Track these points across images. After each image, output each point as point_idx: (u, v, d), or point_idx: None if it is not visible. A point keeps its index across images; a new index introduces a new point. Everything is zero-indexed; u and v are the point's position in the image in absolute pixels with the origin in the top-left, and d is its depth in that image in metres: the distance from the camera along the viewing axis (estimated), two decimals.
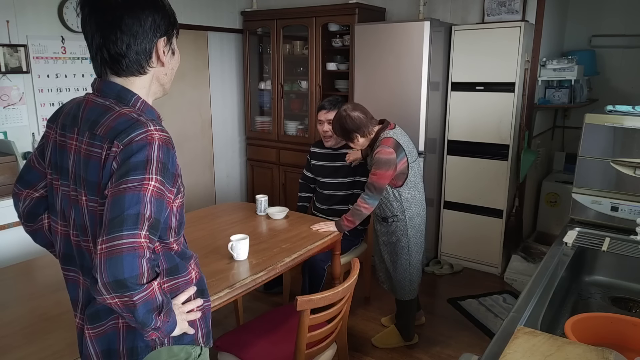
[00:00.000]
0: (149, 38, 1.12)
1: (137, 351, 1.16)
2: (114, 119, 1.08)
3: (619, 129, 1.96)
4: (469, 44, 3.49)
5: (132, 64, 1.12)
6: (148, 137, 1.04)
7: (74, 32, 3.42)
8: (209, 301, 1.34)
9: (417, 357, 2.69)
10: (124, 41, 1.09)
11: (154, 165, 1.03)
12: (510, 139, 3.48)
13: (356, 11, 3.82)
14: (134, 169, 1.01)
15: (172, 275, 1.20)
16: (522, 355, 1.06)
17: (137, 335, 1.16)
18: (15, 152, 2.88)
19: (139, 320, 1.03)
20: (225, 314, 3.00)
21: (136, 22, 1.08)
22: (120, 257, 0.96)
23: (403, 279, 2.61)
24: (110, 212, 1.00)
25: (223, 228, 2.53)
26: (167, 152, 1.07)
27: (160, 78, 1.20)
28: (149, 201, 1.01)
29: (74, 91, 3.47)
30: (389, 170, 2.39)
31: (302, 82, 4.38)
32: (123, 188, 1.00)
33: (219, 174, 4.75)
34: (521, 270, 3.52)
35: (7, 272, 2.06)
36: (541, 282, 1.55)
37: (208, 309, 1.32)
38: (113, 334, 1.17)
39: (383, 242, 2.63)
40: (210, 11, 4.37)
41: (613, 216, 2.01)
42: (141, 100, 1.15)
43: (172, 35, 1.18)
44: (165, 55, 1.16)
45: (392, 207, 2.52)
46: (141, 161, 1.02)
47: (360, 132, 2.47)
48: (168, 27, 1.15)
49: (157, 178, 1.03)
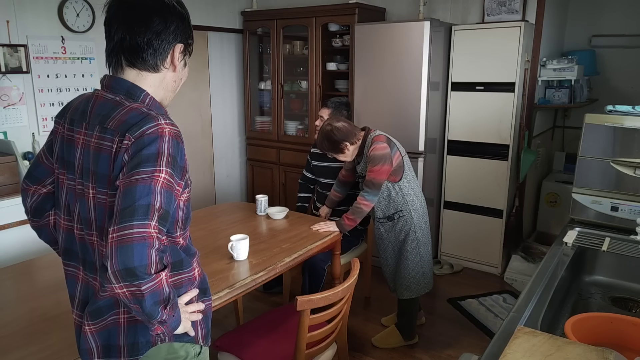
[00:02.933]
0: (169, 40, 1.17)
1: (138, 347, 1.17)
2: (125, 113, 1.11)
3: (619, 129, 1.96)
4: (469, 44, 3.49)
5: (148, 57, 1.16)
6: (159, 130, 1.08)
7: (74, 32, 3.42)
8: (210, 300, 1.34)
9: (417, 357, 2.69)
10: (147, 36, 1.14)
11: (164, 158, 1.06)
12: (510, 139, 3.48)
13: (356, 11, 3.82)
14: (145, 160, 1.04)
15: (176, 270, 1.21)
16: (522, 355, 1.06)
17: (139, 331, 1.17)
18: (15, 152, 2.89)
19: (145, 312, 1.05)
20: (225, 314, 3.00)
21: (162, 23, 1.15)
22: (130, 245, 0.99)
23: (415, 274, 2.61)
24: (121, 202, 1.02)
25: (223, 228, 2.53)
26: (177, 146, 1.11)
27: (169, 84, 1.23)
28: (159, 192, 1.04)
29: (74, 91, 3.47)
30: (385, 165, 2.43)
31: (302, 82, 4.38)
32: (135, 179, 1.03)
33: (219, 174, 4.75)
34: (521, 270, 3.52)
35: (7, 272, 2.06)
36: (541, 282, 1.55)
37: (209, 308, 1.33)
38: (114, 329, 1.17)
39: (390, 242, 2.63)
40: (210, 11, 4.37)
41: (613, 216, 2.01)
42: (150, 97, 1.18)
43: (188, 46, 1.23)
44: (179, 62, 1.21)
45: (396, 203, 2.54)
46: (152, 153, 1.05)
47: (349, 140, 2.51)
48: (188, 38, 1.22)
49: (167, 170, 1.06)
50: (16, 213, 2.78)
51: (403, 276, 2.62)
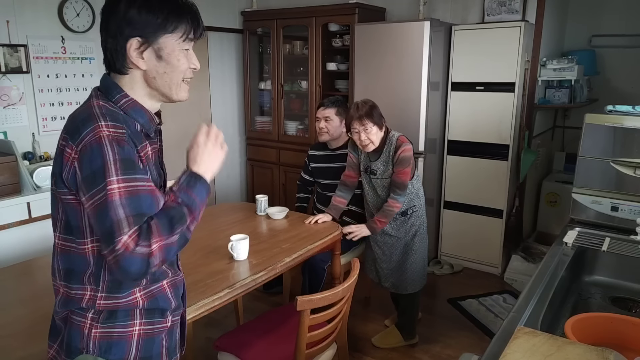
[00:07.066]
0: (118, 38, 1.08)
1: (71, 349, 1.15)
2: (80, 111, 1.09)
3: (619, 129, 1.96)
4: (469, 44, 3.49)
5: (111, 62, 1.12)
6: (97, 135, 1.02)
7: (74, 32, 3.42)
8: (164, 324, 1.21)
9: (417, 357, 2.69)
10: (104, 38, 1.11)
11: (111, 166, 1.01)
12: (510, 139, 3.48)
13: (356, 11, 3.81)
14: (93, 179, 1.02)
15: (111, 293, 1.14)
16: (522, 355, 1.06)
17: (76, 336, 1.14)
18: (15, 152, 2.88)
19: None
20: (225, 314, 3.00)
21: (111, 20, 1.08)
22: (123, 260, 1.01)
23: (420, 268, 2.64)
24: (96, 227, 1.05)
25: (223, 228, 2.53)
26: (120, 148, 1.03)
27: (150, 82, 1.14)
28: (119, 205, 1.01)
29: (74, 91, 3.47)
30: (410, 166, 2.49)
31: (302, 82, 4.38)
32: (92, 204, 1.03)
33: (219, 174, 4.71)
34: (521, 270, 3.52)
35: (7, 272, 2.06)
36: (541, 282, 1.55)
37: (161, 331, 1.21)
38: (64, 325, 1.19)
39: (399, 239, 2.62)
40: (210, 11, 4.37)
41: (613, 216, 2.01)
42: (127, 99, 1.12)
43: (152, 38, 1.09)
44: (140, 58, 1.10)
45: (410, 199, 2.58)
46: (99, 168, 1.01)
47: (384, 121, 2.53)
48: (145, 28, 1.08)
49: (119, 178, 1.01)
50: (16, 213, 2.79)
51: (409, 271, 2.62)
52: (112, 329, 1.13)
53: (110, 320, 1.13)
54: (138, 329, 1.16)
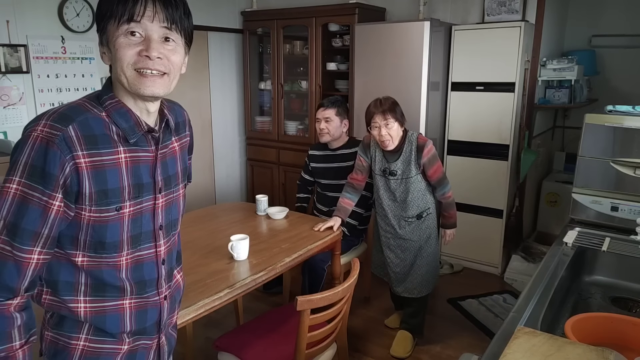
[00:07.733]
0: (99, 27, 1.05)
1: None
2: None
3: (619, 129, 1.96)
4: (469, 44, 3.49)
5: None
6: (30, 132, 0.97)
7: (74, 32, 3.42)
8: (119, 345, 1.13)
9: (417, 357, 2.68)
10: None
11: (20, 167, 0.96)
12: (510, 139, 3.48)
13: (356, 11, 3.81)
14: (7, 170, 0.98)
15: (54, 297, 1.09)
16: (522, 355, 1.06)
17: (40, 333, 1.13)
18: None
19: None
20: (225, 314, 3.00)
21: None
22: None
23: (433, 269, 2.64)
24: None
25: (223, 228, 2.53)
26: (44, 153, 0.95)
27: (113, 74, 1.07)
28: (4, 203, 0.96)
29: (74, 91, 3.47)
30: (439, 160, 2.57)
31: (302, 82, 4.37)
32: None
33: (219, 174, 4.75)
34: (521, 270, 3.52)
35: None
36: (541, 282, 1.55)
37: (112, 353, 1.12)
38: None
39: (414, 242, 2.58)
40: (210, 11, 4.37)
41: (613, 216, 2.01)
42: (113, 100, 1.06)
43: (101, 28, 1.04)
44: (103, 53, 1.06)
45: (427, 200, 2.58)
46: (13, 161, 0.97)
47: (404, 121, 2.52)
48: (98, 19, 1.04)
49: (21, 181, 0.96)
50: None
51: (422, 274, 2.60)
52: (59, 337, 1.10)
53: (58, 327, 1.10)
54: (82, 344, 1.09)
